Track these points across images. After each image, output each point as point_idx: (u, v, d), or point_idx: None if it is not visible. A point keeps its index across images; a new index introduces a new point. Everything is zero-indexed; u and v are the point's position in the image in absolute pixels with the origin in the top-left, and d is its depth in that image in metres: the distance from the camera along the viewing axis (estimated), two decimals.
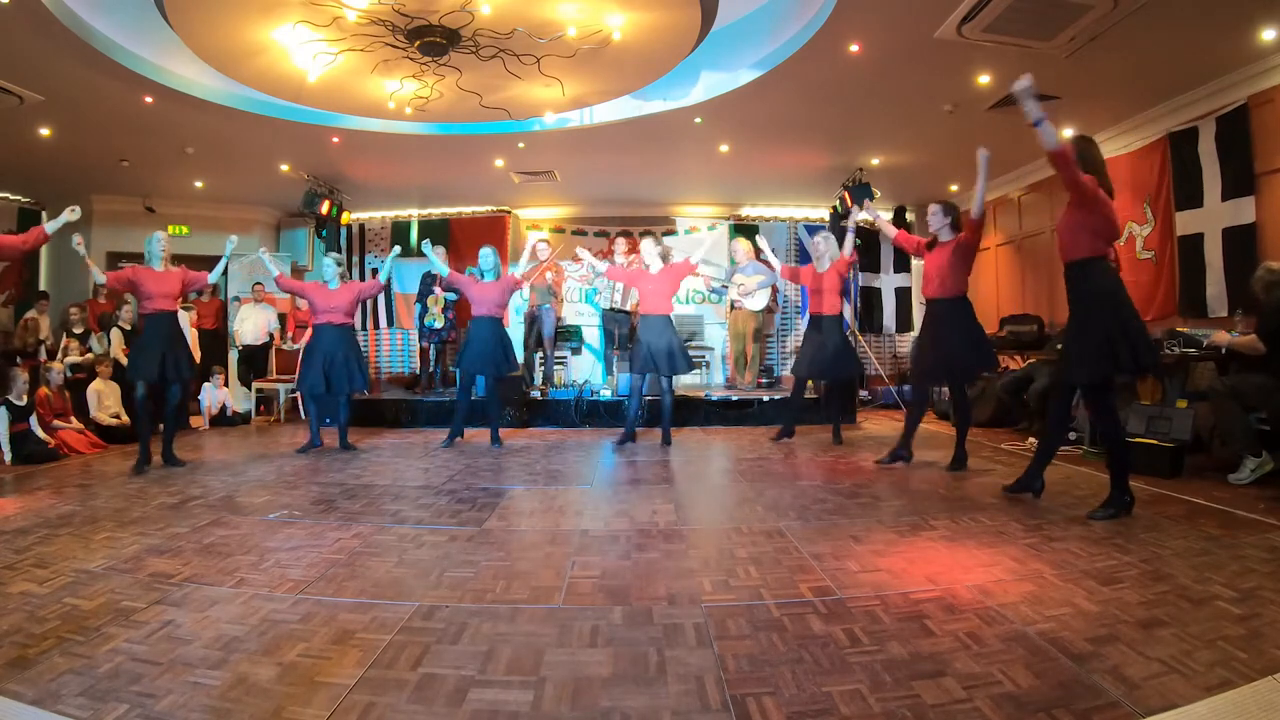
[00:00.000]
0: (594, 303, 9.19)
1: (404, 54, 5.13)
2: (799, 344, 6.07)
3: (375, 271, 9.68)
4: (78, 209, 4.39)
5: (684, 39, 5.12)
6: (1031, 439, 5.55)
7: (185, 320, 7.40)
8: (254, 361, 8.14)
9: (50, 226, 4.33)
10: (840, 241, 5.82)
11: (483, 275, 5.75)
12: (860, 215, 5.40)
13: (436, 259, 5.92)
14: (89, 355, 6.81)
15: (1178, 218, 5.64)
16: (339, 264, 5.67)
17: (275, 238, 9.82)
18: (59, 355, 6.68)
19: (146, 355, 4.77)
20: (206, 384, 7.58)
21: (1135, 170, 6.04)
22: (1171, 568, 2.51)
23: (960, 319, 4.28)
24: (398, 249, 5.91)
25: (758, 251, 9.15)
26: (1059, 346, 3.63)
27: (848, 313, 8.83)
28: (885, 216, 9.18)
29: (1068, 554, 2.69)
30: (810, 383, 7.34)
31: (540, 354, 7.83)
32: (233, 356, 8.49)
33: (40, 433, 5.43)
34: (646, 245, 5.67)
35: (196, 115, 5.97)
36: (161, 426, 5.04)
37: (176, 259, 5.14)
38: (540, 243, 7.39)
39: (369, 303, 9.75)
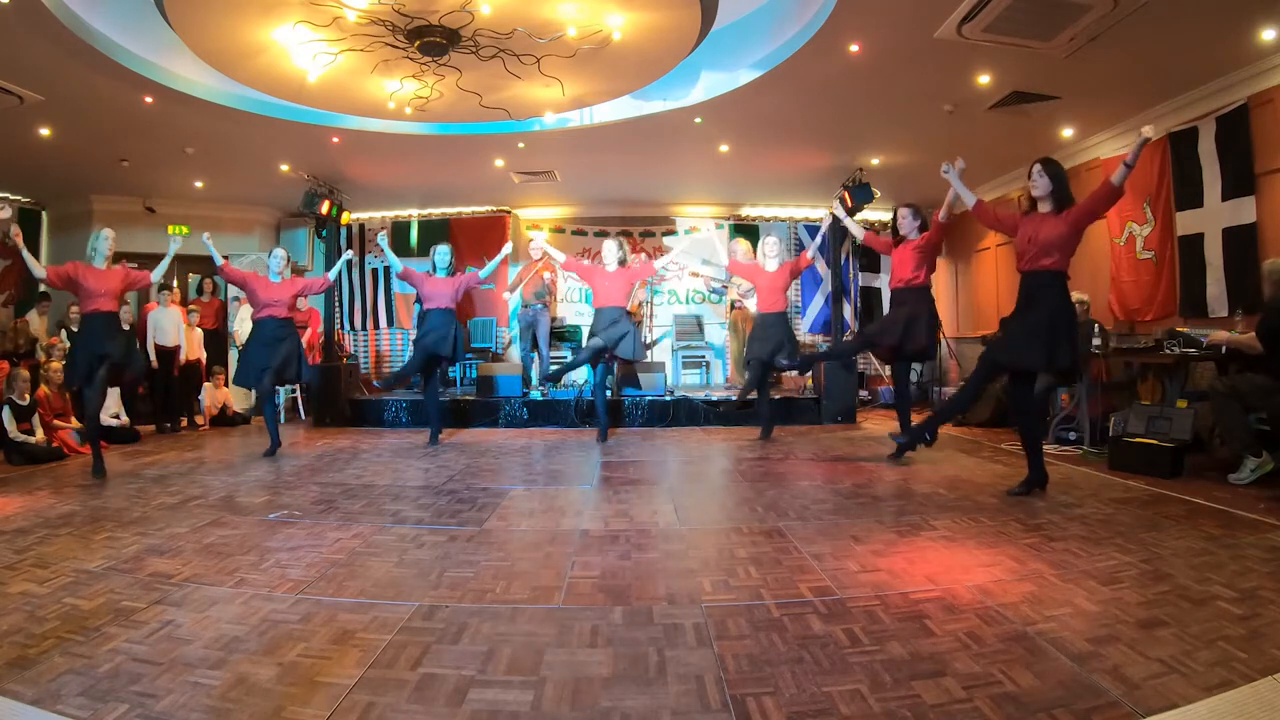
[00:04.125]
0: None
1: (404, 54, 5.12)
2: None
3: (374, 272, 9.73)
4: (8, 208, 4.25)
5: (684, 39, 5.11)
6: None
7: (180, 319, 7.43)
8: None
9: None
10: (841, 239, 5.94)
11: (435, 270, 5.94)
12: (837, 215, 5.60)
13: (394, 257, 6.02)
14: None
15: (1178, 218, 5.64)
16: (286, 259, 5.64)
17: (275, 238, 9.81)
18: (49, 353, 6.64)
19: (82, 357, 4.53)
20: (206, 384, 7.59)
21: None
22: (1171, 568, 2.51)
23: (923, 305, 4.76)
24: (350, 253, 6.11)
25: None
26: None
27: (848, 312, 8.85)
28: (884, 217, 9.27)
29: (1068, 554, 2.69)
30: (808, 382, 7.37)
31: (535, 355, 7.84)
32: (233, 356, 8.49)
33: (39, 432, 5.44)
34: (609, 245, 6.06)
35: (196, 115, 5.97)
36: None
37: (176, 259, 5.14)
38: (532, 244, 7.41)
39: (368, 302, 9.76)
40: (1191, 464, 4.22)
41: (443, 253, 6.00)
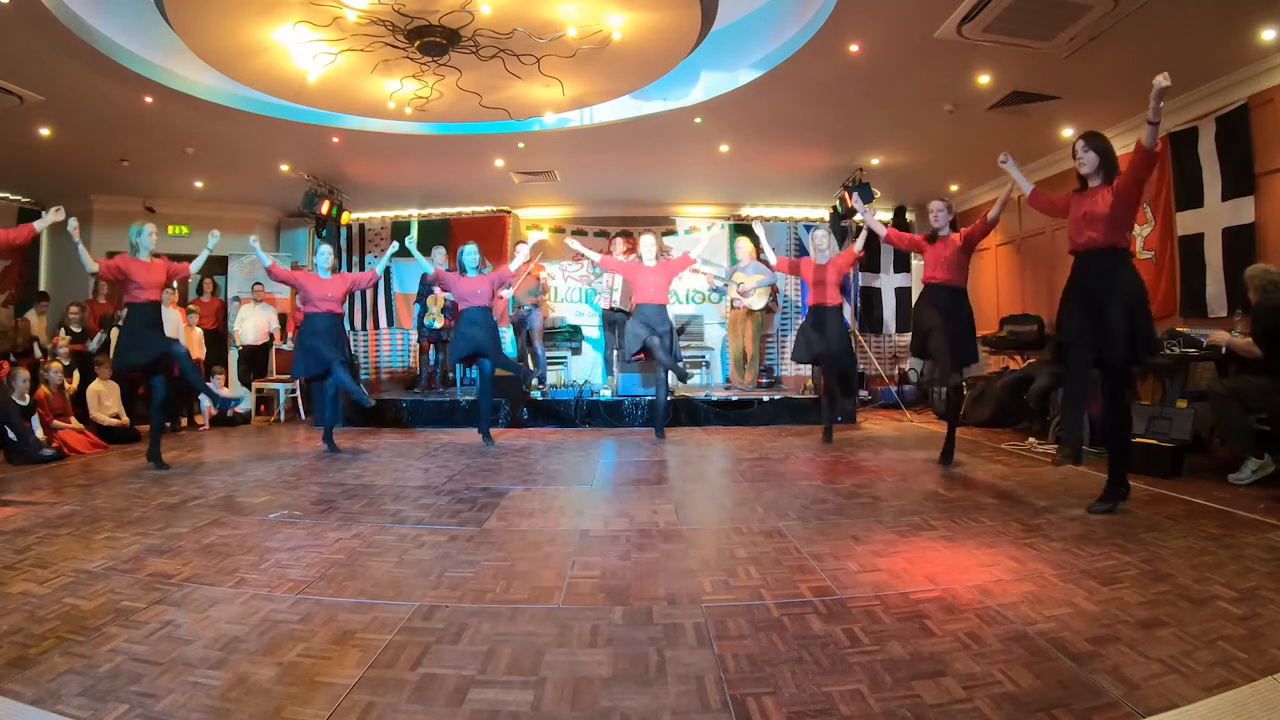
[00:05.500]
0: (593, 303, 9.19)
1: (404, 54, 5.12)
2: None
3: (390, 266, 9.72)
4: (62, 209, 4.39)
5: (684, 39, 5.11)
6: (1032, 439, 5.55)
7: (179, 320, 7.43)
8: (254, 361, 8.15)
9: (39, 224, 4.30)
10: (841, 239, 5.91)
11: (465, 270, 5.89)
12: (860, 215, 5.49)
13: (423, 259, 6.05)
14: (80, 346, 6.88)
15: (1178, 218, 5.64)
16: (331, 254, 5.69)
17: (275, 238, 9.81)
18: (51, 353, 6.65)
19: (138, 340, 4.74)
20: (207, 384, 7.58)
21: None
22: (1171, 568, 2.51)
23: (963, 309, 4.56)
24: (395, 245, 6.02)
25: (758, 251, 9.13)
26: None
27: (847, 311, 8.84)
28: (884, 216, 9.28)
29: (1068, 554, 2.69)
30: (809, 382, 7.36)
31: (530, 355, 7.85)
32: (233, 356, 8.49)
33: (39, 433, 5.43)
34: (646, 240, 6.02)
35: (196, 115, 5.97)
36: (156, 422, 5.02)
37: (177, 259, 5.16)
38: (519, 244, 7.40)
39: (368, 302, 9.76)
40: (1191, 464, 4.22)
41: (470, 252, 5.93)
